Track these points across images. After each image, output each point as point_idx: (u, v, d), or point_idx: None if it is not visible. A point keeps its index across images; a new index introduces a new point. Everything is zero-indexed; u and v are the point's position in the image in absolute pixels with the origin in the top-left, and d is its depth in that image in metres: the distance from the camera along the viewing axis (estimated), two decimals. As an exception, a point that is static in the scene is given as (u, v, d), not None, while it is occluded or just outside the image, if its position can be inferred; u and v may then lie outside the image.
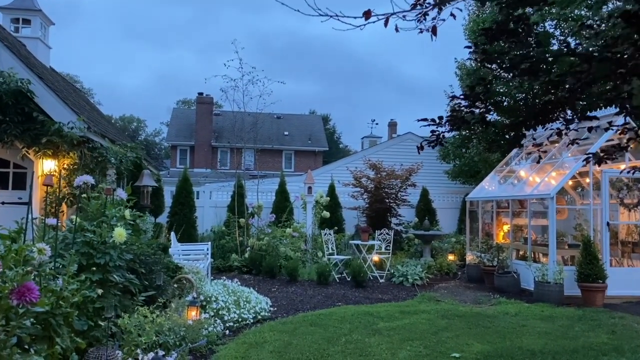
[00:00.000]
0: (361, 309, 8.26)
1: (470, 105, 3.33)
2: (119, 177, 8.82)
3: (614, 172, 9.82)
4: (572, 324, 7.47)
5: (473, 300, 9.30)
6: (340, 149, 52.63)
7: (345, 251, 12.83)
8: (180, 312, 6.29)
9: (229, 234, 13.20)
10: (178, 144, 35.50)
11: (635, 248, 10.56)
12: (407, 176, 15.00)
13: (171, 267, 7.25)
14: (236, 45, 13.12)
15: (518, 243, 11.03)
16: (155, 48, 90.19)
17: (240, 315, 7.18)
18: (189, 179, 13.98)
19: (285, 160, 35.74)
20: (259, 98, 13.08)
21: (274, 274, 11.22)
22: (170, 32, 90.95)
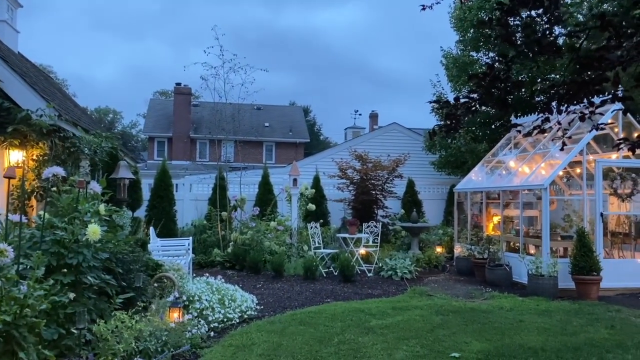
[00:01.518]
0: (351, 305, 7.91)
1: (489, 85, 2.97)
2: (93, 169, 8.29)
3: (608, 161, 9.63)
4: (569, 318, 7.24)
5: (465, 294, 9.03)
6: (321, 140, 52.21)
7: (332, 244, 12.48)
8: (162, 313, 5.86)
9: (210, 228, 12.72)
10: (155, 136, 34.65)
11: (626, 239, 10.42)
12: (393, 167, 14.69)
13: (151, 265, 6.79)
14: (216, 32, 12.61)
15: (509, 235, 10.81)
16: (127, 39, 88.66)
17: (225, 315, 6.77)
18: (168, 171, 13.43)
19: (265, 152, 35.19)
20: (241, 86, 12.59)
21: (259, 269, 10.81)
22: (141, 23, 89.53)
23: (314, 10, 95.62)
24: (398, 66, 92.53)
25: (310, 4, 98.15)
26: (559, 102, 3.09)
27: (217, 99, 12.84)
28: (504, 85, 3.00)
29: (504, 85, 3.00)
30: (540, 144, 11.09)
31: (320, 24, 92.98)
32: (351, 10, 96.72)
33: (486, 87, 2.96)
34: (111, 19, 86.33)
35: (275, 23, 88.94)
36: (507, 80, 2.98)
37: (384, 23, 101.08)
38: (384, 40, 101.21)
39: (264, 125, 35.92)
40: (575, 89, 3.01)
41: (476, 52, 16.32)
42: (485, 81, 2.92)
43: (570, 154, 9.40)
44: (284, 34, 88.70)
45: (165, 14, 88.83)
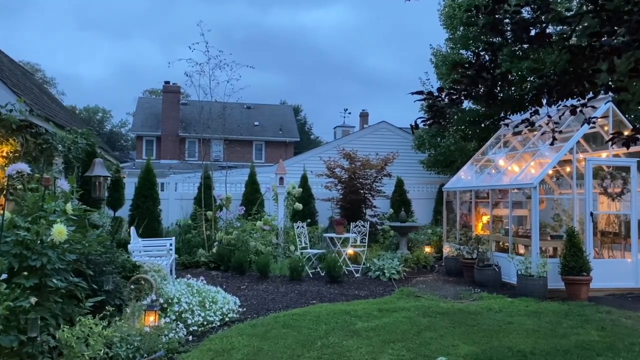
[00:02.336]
0: (337, 307, 7.70)
1: (476, 75, 2.77)
2: (67, 166, 8.00)
3: (598, 160, 9.50)
4: (559, 319, 7.08)
5: (454, 295, 8.85)
6: (311, 140, 51.98)
7: (319, 245, 12.27)
8: (135, 318, 5.62)
9: (195, 227, 12.45)
10: (144, 135, 34.25)
11: (616, 238, 10.30)
12: (382, 166, 14.51)
13: (128, 267, 6.53)
14: (202, 28, 12.35)
15: (498, 234, 10.65)
16: (115, 38, 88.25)
17: (205, 318, 6.53)
18: (152, 169, 13.15)
19: (255, 151, 34.91)
20: (227, 83, 12.32)
21: (244, 269, 10.56)
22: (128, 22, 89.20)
23: (300, 10, 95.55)
24: (387, 66, 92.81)
25: (297, 4, 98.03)
26: (550, 95, 2.90)
27: (202, 96, 12.57)
28: (491, 75, 2.80)
29: (491, 76, 2.81)
30: (529, 142, 10.95)
31: (307, 23, 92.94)
32: (338, 10, 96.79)
33: (472, 77, 2.77)
34: (98, 17, 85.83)
35: (262, 23, 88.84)
36: (494, 70, 2.78)
37: (372, 23, 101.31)
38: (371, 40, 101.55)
39: (253, 124, 35.64)
40: (566, 81, 2.82)
41: (465, 50, 16.19)
42: (471, 71, 2.73)
43: (560, 152, 9.26)
44: (271, 33, 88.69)
45: (152, 13, 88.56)
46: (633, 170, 9.31)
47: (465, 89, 2.82)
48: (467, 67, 2.76)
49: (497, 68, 2.80)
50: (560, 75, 2.80)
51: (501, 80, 2.89)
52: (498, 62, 2.78)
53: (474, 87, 2.84)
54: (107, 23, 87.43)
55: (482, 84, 2.84)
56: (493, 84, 2.84)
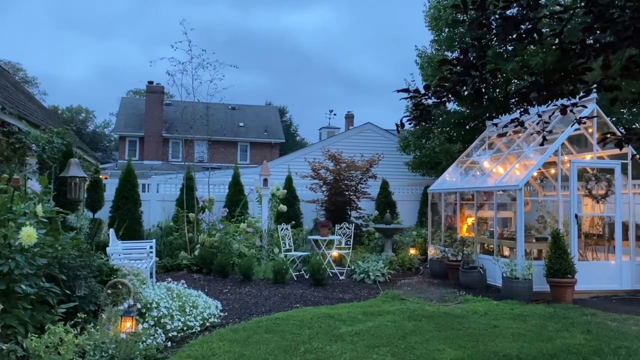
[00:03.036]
0: (321, 311, 7.55)
1: (463, 72, 2.66)
2: (42, 167, 7.74)
3: (582, 162, 9.50)
4: (544, 323, 7.02)
5: (439, 298, 8.77)
6: (297, 141, 51.81)
7: (304, 247, 12.11)
8: (109, 325, 5.42)
9: (177, 229, 12.21)
10: (127, 135, 33.79)
11: (600, 240, 10.31)
12: (367, 167, 14.41)
13: (104, 270, 6.31)
14: (185, 26, 12.14)
15: (483, 237, 10.61)
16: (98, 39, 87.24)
17: (185, 323, 6.34)
18: (133, 170, 12.88)
19: (240, 152, 34.63)
20: (210, 83, 12.12)
21: (226, 273, 10.37)
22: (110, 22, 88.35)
23: (282, 12, 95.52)
24: (370, 69, 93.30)
25: (279, 6, 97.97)
26: (539, 93, 2.80)
27: (185, 96, 12.35)
28: (479, 73, 2.69)
29: (479, 74, 2.69)
30: (514, 144, 10.94)
31: (289, 25, 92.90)
32: (320, 13, 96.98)
33: (459, 75, 2.66)
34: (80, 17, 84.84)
35: (244, 24, 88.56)
36: (483, 67, 2.67)
37: (354, 26, 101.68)
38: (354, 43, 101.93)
39: (238, 125, 35.37)
40: (557, 79, 2.72)
41: (451, 52, 16.19)
42: (458, 67, 2.62)
43: (545, 154, 9.23)
44: (254, 35, 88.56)
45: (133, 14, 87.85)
46: (617, 172, 9.33)
47: (453, 87, 2.72)
48: (455, 63, 2.65)
49: (485, 65, 2.69)
50: (550, 73, 2.70)
51: (491, 77, 2.78)
52: (486, 60, 2.68)
53: (462, 85, 2.73)
54: (88, 23, 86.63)
55: (469, 82, 2.74)
56: (481, 82, 2.74)
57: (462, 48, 2.67)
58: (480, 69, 2.68)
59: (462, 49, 2.67)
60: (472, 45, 2.66)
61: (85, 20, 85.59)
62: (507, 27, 2.48)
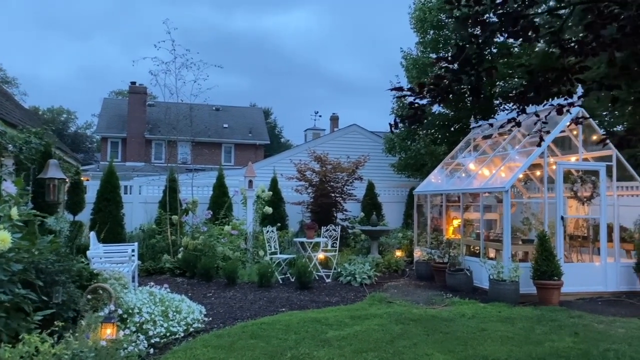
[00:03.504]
0: (308, 315, 7.43)
1: (460, 70, 2.56)
2: (19, 168, 7.48)
3: (568, 164, 9.52)
4: (532, 325, 6.98)
5: (425, 300, 8.70)
6: (281, 143, 51.60)
7: (289, 249, 11.97)
8: (94, 330, 5.23)
9: (160, 232, 11.98)
10: (109, 136, 33.29)
11: (584, 242, 10.35)
12: (353, 169, 14.33)
13: (84, 275, 6.11)
14: (168, 25, 11.93)
15: (469, 239, 10.58)
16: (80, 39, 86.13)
17: (168, 328, 6.17)
18: (115, 172, 12.61)
19: (224, 153, 34.33)
20: (194, 83, 11.92)
21: (210, 276, 10.18)
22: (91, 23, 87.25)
23: (264, 15, 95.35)
24: (352, 71, 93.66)
25: (261, 9, 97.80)
26: (536, 92, 2.72)
27: (168, 96, 12.14)
28: (475, 71, 2.61)
29: (476, 72, 2.61)
30: (499, 146, 10.95)
31: (271, 28, 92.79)
32: (301, 16, 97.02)
33: (455, 72, 2.57)
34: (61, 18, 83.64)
35: (226, 26, 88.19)
36: (479, 65, 2.59)
37: (335, 29, 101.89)
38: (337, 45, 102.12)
39: (222, 126, 35.08)
40: (553, 78, 2.64)
41: (436, 54, 16.21)
42: (455, 65, 2.53)
43: (532, 156, 9.23)
44: (236, 37, 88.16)
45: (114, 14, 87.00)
46: (602, 174, 9.37)
47: (449, 85, 2.63)
48: (451, 60, 2.56)
49: (481, 63, 2.61)
50: (548, 72, 2.63)
51: (486, 75, 2.70)
52: (484, 57, 2.59)
53: (458, 83, 2.64)
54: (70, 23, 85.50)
55: (466, 80, 2.65)
56: (478, 80, 2.65)
57: (459, 45, 2.59)
58: (477, 67, 2.60)
59: (459, 46, 2.58)
60: (470, 42, 2.57)
61: (66, 20, 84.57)
62: (506, 22, 2.39)
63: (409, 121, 2.85)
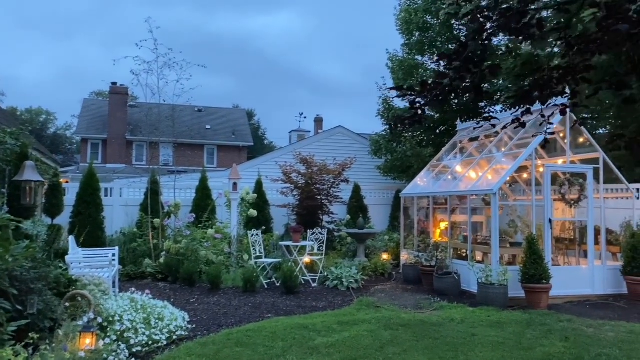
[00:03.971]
0: (294, 321, 7.25)
1: (462, 68, 2.43)
2: (-7, 170, 7.20)
3: (556, 166, 9.49)
4: (522, 330, 6.90)
5: (414, 305, 8.58)
6: (265, 145, 51.29)
7: (275, 253, 11.77)
8: (72, 340, 4.99)
9: (141, 236, 11.69)
10: (89, 138, 32.67)
11: (571, 245, 10.35)
12: (340, 171, 14.19)
13: (62, 282, 5.86)
14: (150, 24, 11.66)
15: (457, 242, 10.50)
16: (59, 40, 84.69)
17: (150, 337, 5.94)
18: (95, 174, 12.29)
19: (207, 155, 33.93)
20: (177, 83, 11.67)
21: (194, 281, 9.93)
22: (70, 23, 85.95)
23: (246, 16, 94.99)
24: (337, 73, 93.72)
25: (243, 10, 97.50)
26: (541, 91, 2.60)
27: (150, 96, 11.87)
28: (478, 69, 2.47)
29: (479, 69, 2.48)
30: (486, 149, 10.90)
31: (254, 29, 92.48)
32: (284, 18, 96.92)
33: (457, 70, 2.43)
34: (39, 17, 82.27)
35: (208, 28, 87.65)
36: (482, 63, 2.46)
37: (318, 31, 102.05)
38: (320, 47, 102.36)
39: (205, 127, 34.67)
40: (557, 77, 2.52)
41: (421, 56, 16.19)
42: (457, 61, 2.39)
43: (520, 158, 9.19)
44: (218, 38, 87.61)
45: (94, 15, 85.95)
46: (589, 176, 9.36)
47: (451, 83, 2.49)
48: (454, 57, 2.43)
49: (484, 61, 2.48)
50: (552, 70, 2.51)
51: (490, 74, 2.57)
52: (487, 54, 2.47)
53: (460, 81, 2.51)
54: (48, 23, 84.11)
55: (468, 78, 2.52)
56: (481, 78, 2.52)
57: (461, 41, 2.45)
58: (479, 65, 2.47)
59: (461, 42, 2.45)
60: (473, 39, 2.44)
61: (44, 20, 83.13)
62: (511, 18, 2.26)
63: (409, 121, 2.71)
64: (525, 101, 2.70)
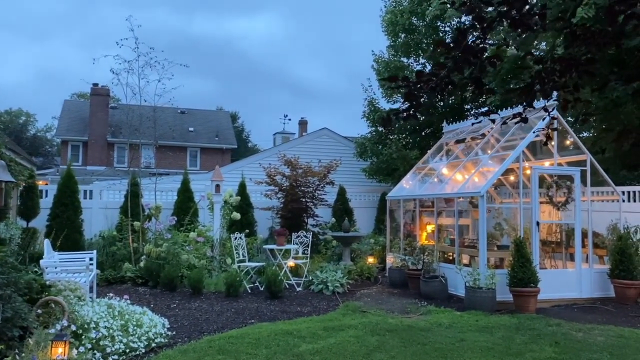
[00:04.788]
0: (278, 327, 7.03)
1: (461, 58, 2.26)
2: (-39, 170, 6.87)
3: (543, 168, 9.41)
4: (511, 335, 6.77)
5: (400, 309, 8.41)
6: (249, 147, 50.89)
7: (258, 257, 11.52)
8: (43, 349, 4.72)
9: (121, 239, 11.36)
10: (69, 139, 32.04)
11: (557, 248, 10.28)
12: (325, 173, 14.00)
13: (35, 287, 5.57)
14: (131, 22, 11.36)
15: (443, 245, 10.37)
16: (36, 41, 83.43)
17: (128, 344, 5.68)
18: (74, 175, 11.93)
19: (190, 157, 33.51)
20: (158, 82, 11.38)
21: (175, 286, 9.64)
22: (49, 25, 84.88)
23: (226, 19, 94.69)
24: (320, 76, 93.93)
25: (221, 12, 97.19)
26: (542, 85, 2.44)
27: (131, 96, 11.56)
28: (478, 60, 2.31)
29: (479, 60, 2.31)
30: (472, 151, 10.80)
31: (235, 32, 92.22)
32: (265, 20, 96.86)
33: (456, 60, 2.26)
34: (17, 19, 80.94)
35: (188, 30, 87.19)
36: (482, 53, 2.29)
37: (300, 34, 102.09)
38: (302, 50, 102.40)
39: (188, 129, 34.25)
40: (560, 69, 2.37)
41: (407, 58, 16.11)
42: (456, 51, 2.22)
43: (508, 160, 9.09)
44: (198, 41, 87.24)
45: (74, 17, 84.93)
46: (577, 179, 9.30)
47: (448, 75, 2.33)
48: (452, 47, 2.26)
49: (484, 51, 2.32)
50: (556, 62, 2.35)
51: (489, 65, 2.41)
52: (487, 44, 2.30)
53: (458, 72, 2.34)
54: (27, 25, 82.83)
55: (467, 69, 2.35)
56: (481, 69, 2.36)
57: (460, 30, 2.28)
58: (479, 55, 2.30)
59: (460, 30, 2.28)
60: (473, 26, 2.27)
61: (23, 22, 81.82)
62: (513, 4, 2.10)
63: (405, 115, 2.53)
64: (527, 95, 2.54)
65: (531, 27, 2.48)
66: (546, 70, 2.43)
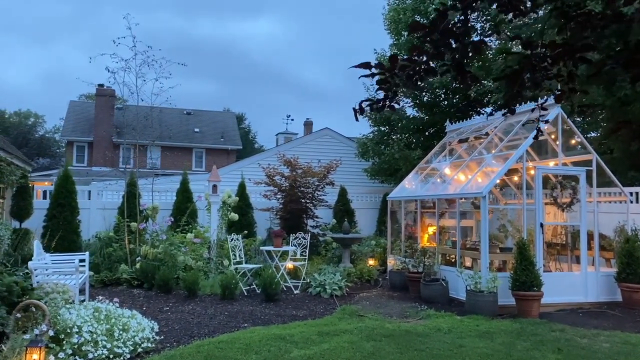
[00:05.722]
0: (271, 331, 6.81)
1: (441, 42, 2.04)
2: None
3: (547, 168, 9.13)
4: (512, 341, 6.50)
5: (399, 313, 8.17)
6: (255, 148, 50.78)
7: (256, 258, 11.31)
8: (18, 354, 4.54)
9: (117, 240, 11.19)
10: (75, 140, 32.06)
11: (562, 250, 9.99)
12: (325, 174, 13.76)
13: (15, 290, 5.39)
14: (129, 20, 11.21)
15: (445, 247, 10.10)
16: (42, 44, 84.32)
17: (112, 350, 5.48)
18: (71, 176, 11.78)
19: (195, 158, 33.41)
20: (155, 81, 11.21)
21: (170, 288, 9.45)
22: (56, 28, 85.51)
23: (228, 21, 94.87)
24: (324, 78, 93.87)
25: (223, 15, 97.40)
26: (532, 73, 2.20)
27: (128, 95, 11.40)
28: (460, 44, 2.09)
29: (461, 45, 2.09)
30: (475, 151, 10.53)
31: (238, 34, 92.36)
32: (267, 23, 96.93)
33: (435, 43, 2.04)
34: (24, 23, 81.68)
35: (191, 32, 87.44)
36: (465, 37, 2.07)
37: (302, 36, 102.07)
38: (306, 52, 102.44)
39: (193, 130, 34.17)
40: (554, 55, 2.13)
41: (410, 57, 15.82)
42: (434, 35, 2.00)
43: (510, 160, 8.81)
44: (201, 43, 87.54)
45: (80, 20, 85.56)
46: (582, 179, 9.00)
47: (427, 61, 2.11)
48: (429, 30, 2.04)
49: (467, 34, 2.10)
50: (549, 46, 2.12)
51: (473, 51, 2.19)
52: (469, 26, 2.08)
53: (438, 58, 2.12)
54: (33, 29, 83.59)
55: (448, 55, 2.13)
56: (463, 55, 2.13)
57: (439, 10, 2.06)
58: (461, 39, 2.08)
59: (439, 11, 2.06)
60: (453, 6, 2.05)
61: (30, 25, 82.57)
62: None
63: (380, 106, 2.31)
64: (514, 84, 2.31)
65: (520, 9, 2.25)
66: (537, 55, 2.20)
